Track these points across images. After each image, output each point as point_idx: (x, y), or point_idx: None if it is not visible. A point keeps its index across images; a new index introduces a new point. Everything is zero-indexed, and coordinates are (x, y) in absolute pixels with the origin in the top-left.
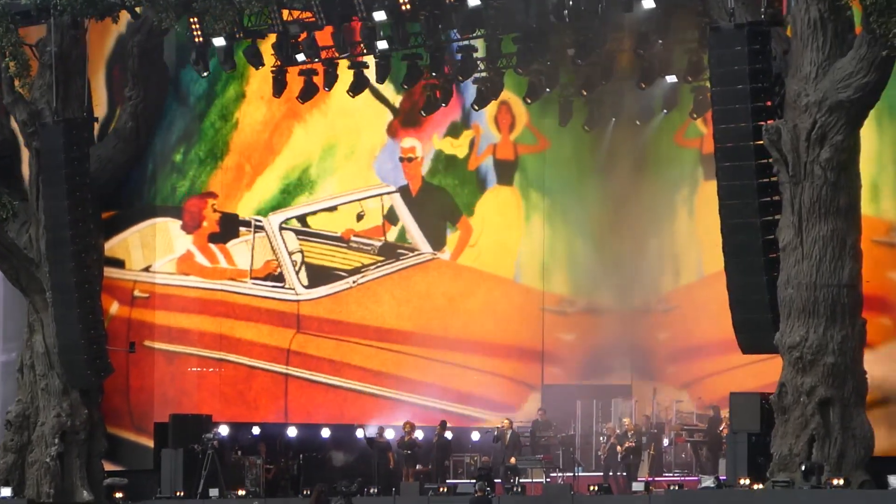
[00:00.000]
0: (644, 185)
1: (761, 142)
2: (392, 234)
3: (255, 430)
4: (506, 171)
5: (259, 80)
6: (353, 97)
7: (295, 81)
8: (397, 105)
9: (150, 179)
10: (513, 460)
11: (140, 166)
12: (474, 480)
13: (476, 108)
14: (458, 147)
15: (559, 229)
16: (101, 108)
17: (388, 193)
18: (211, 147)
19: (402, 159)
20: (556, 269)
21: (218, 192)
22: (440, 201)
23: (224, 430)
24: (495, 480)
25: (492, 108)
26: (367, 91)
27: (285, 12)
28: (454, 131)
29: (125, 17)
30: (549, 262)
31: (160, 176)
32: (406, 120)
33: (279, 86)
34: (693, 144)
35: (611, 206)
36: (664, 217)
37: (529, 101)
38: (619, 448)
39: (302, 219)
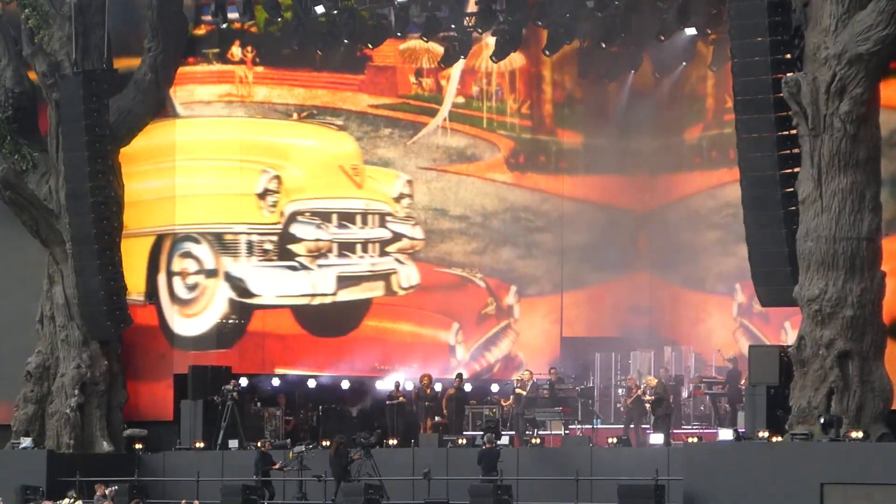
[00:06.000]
0: (663, 138)
1: (781, 94)
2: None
3: (275, 382)
4: None
5: None
6: (372, 49)
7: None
8: None
9: None
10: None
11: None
12: (482, 433)
13: (495, 60)
14: None
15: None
16: None
17: None
18: None
19: None
20: (574, 224)
21: None
22: None
23: (243, 382)
24: (511, 433)
25: None
26: None
27: None
28: None
29: None
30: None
31: None
32: None
33: (299, 36)
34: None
35: (629, 160)
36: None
37: (549, 53)
38: (646, 399)
39: None
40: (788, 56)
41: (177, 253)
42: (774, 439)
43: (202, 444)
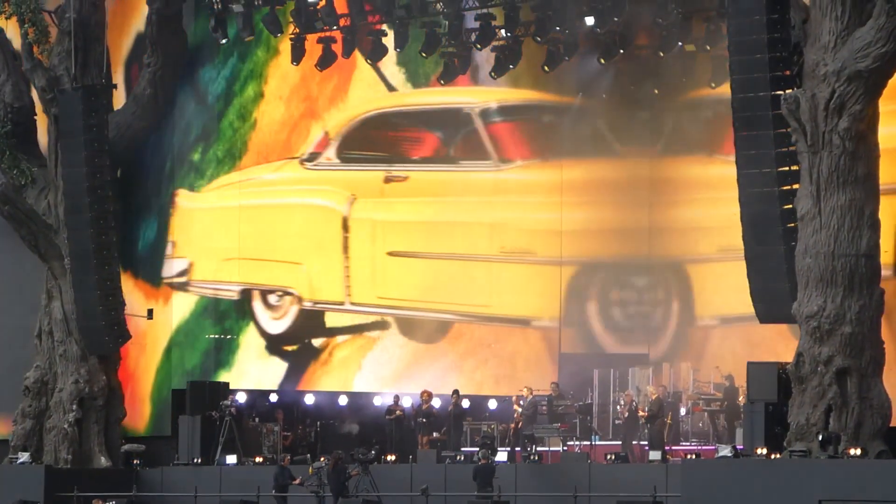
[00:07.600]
0: (662, 154)
1: (780, 111)
2: None
3: (273, 398)
4: None
5: (278, 80)
6: (371, 64)
7: (313, 49)
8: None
9: (168, 178)
10: None
11: (158, 160)
12: (477, 449)
13: (494, 76)
14: None
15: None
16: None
17: None
18: (229, 147)
19: None
20: (573, 239)
21: None
22: None
23: (241, 397)
24: (515, 449)
25: None
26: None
27: None
28: None
29: None
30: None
31: (178, 175)
32: None
33: (297, 53)
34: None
35: (629, 178)
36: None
37: (548, 69)
38: (640, 415)
39: None
40: (787, 73)
41: None
42: (773, 456)
43: (199, 460)
